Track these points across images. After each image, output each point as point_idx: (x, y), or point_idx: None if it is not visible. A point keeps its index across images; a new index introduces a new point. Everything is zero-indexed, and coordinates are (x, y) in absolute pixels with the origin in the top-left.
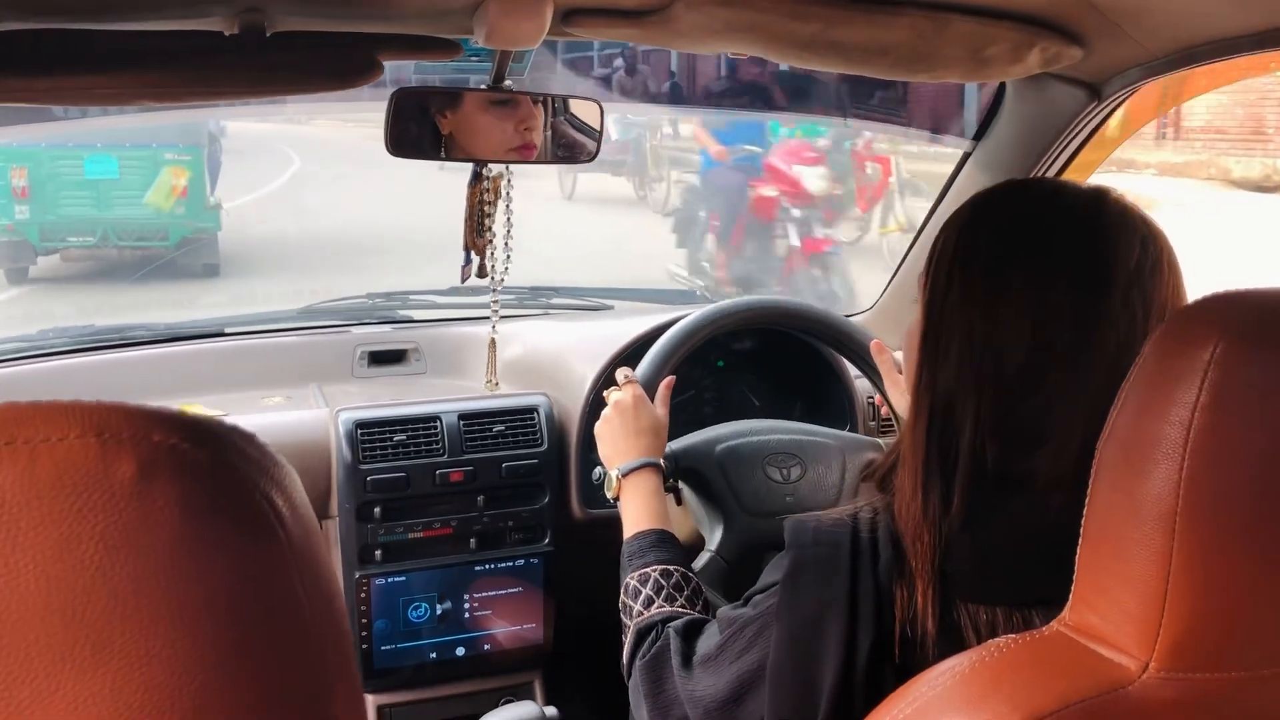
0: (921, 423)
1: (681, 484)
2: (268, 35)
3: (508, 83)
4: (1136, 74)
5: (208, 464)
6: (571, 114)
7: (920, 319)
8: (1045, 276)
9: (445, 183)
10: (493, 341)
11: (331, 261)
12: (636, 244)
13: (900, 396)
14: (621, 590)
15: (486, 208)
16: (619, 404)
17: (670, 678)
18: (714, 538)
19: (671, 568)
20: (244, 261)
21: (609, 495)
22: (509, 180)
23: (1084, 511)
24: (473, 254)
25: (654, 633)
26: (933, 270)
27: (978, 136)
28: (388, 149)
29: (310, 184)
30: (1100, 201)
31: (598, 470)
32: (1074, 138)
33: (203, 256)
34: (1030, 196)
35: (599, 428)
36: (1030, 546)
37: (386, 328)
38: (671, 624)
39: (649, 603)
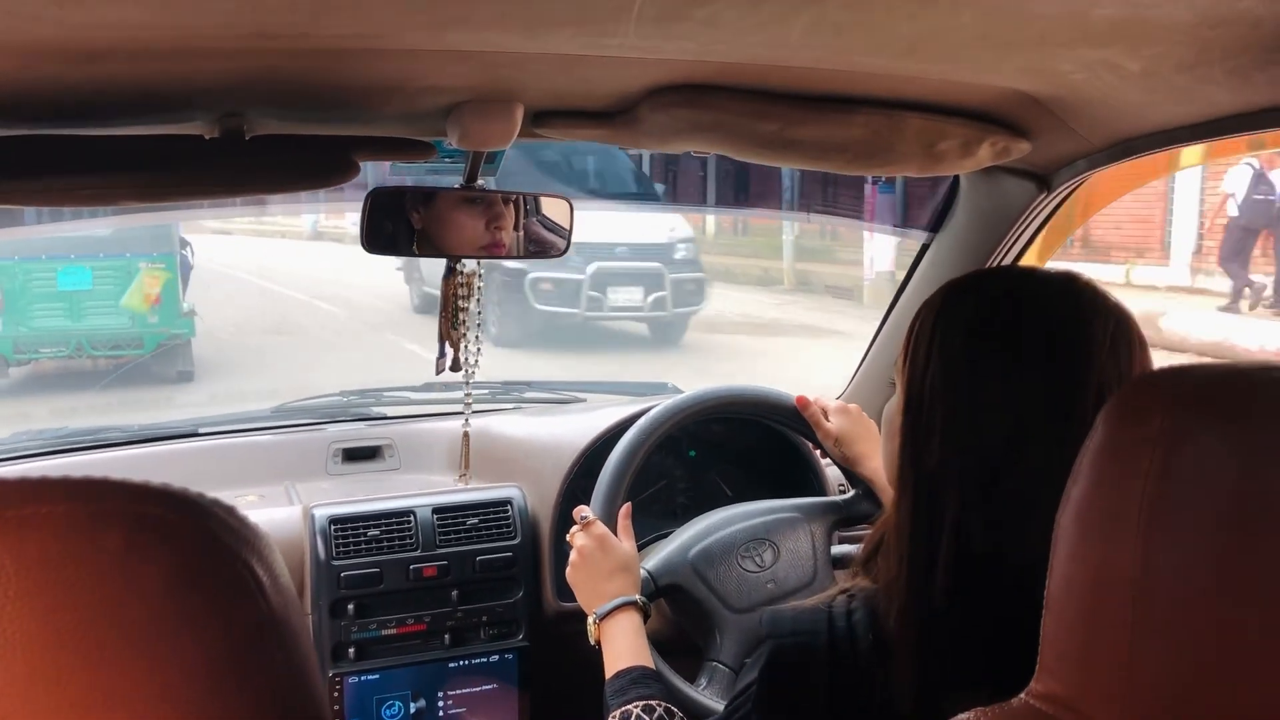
0: (906, 505)
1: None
2: (247, 139)
3: (480, 182)
4: (1083, 165)
5: (191, 534)
6: (542, 213)
7: (900, 402)
8: (1022, 355)
9: None
10: (466, 435)
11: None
12: None
13: (834, 444)
14: None
15: (461, 302)
16: (582, 549)
17: None
18: (711, 647)
19: (654, 703)
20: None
21: (592, 642)
22: (481, 275)
23: (1047, 581)
24: (447, 346)
25: None
26: (910, 354)
27: (935, 228)
28: (363, 245)
29: None
30: (1070, 282)
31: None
32: (1027, 227)
33: (177, 363)
34: (1003, 280)
35: (570, 576)
36: (1013, 628)
37: (360, 425)
38: None
39: None
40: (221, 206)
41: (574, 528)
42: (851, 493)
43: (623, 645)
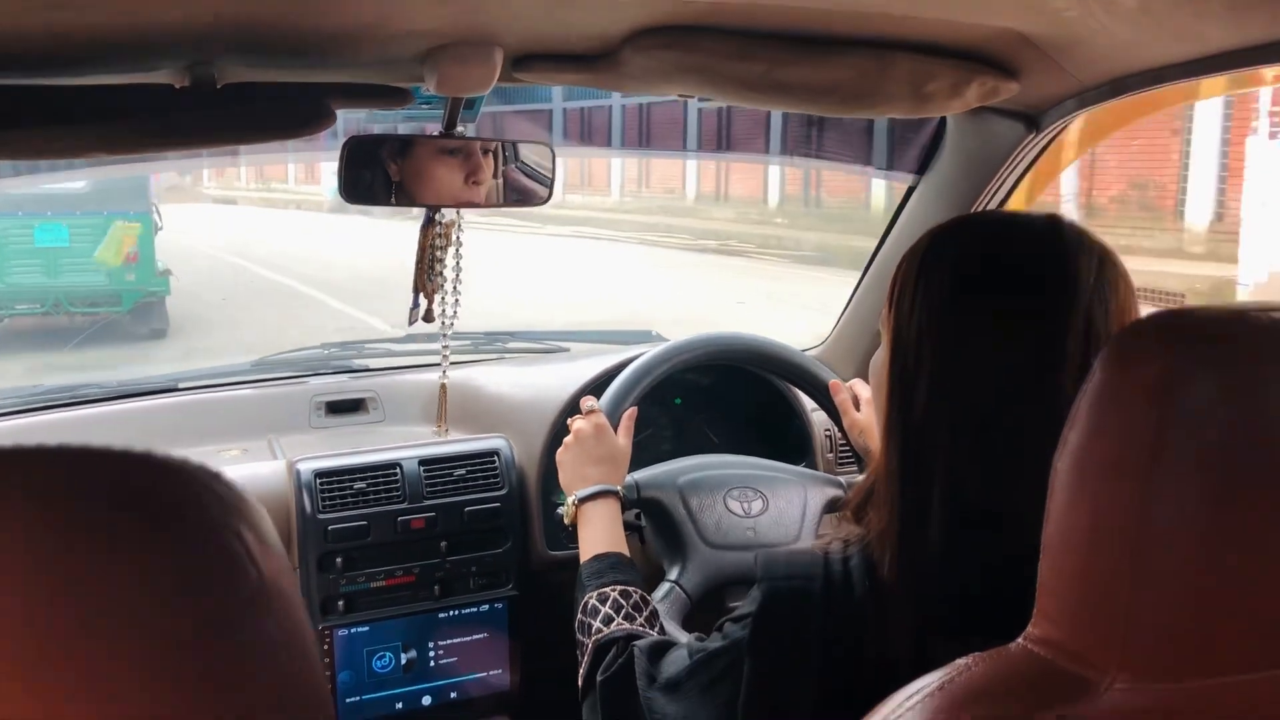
0: (894, 456)
1: (643, 519)
2: (219, 87)
3: (460, 129)
4: (1072, 105)
5: (177, 503)
6: (523, 161)
7: (887, 353)
8: (1010, 301)
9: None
10: (443, 387)
11: None
12: None
13: (858, 434)
14: (579, 610)
15: (438, 252)
16: (580, 432)
17: (634, 695)
18: (674, 569)
19: (631, 589)
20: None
21: (565, 522)
22: (460, 226)
23: (1044, 526)
24: (421, 297)
25: (615, 649)
26: (895, 304)
27: (921, 170)
28: (341, 195)
29: None
30: (1056, 225)
31: (560, 510)
32: (1015, 168)
33: (151, 321)
34: (986, 225)
35: (560, 454)
36: (1008, 575)
37: (343, 377)
38: (636, 642)
39: (608, 620)
40: (225, 167)
41: (577, 415)
42: (859, 474)
43: (600, 530)
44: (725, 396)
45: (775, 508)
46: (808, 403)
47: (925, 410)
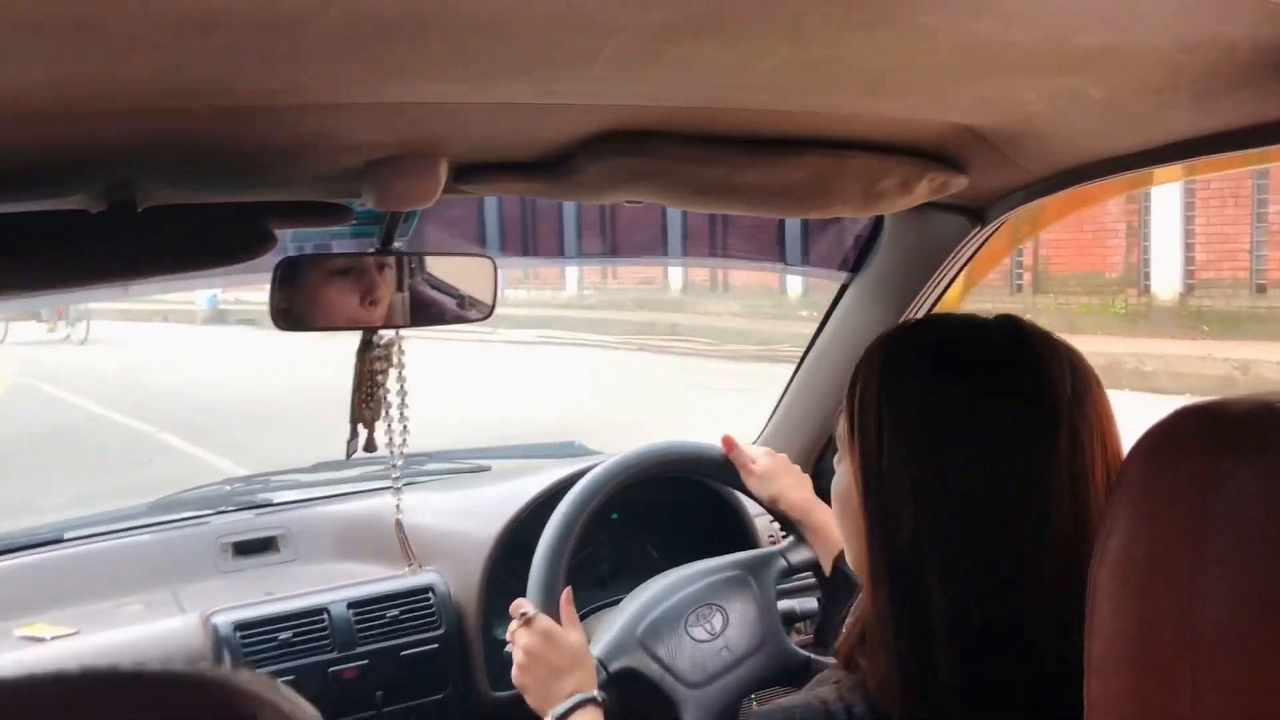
0: (883, 591)
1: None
2: (139, 211)
3: (397, 244)
4: (1020, 196)
5: None
6: (429, 274)
7: (858, 482)
8: (988, 415)
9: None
10: (399, 522)
11: None
12: None
13: (757, 483)
14: None
15: (379, 376)
16: (528, 648)
17: None
18: None
19: None
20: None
21: None
22: (400, 346)
23: (1085, 643)
24: (359, 427)
25: None
26: (859, 427)
27: (855, 269)
28: (275, 323)
29: None
30: (1017, 325)
31: (508, 649)
32: (956, 263)
33: None
34: (945, 332)
35: (518, 679)
36: (1028, 699)
37: (249, 514)
38: None
39: None
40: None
41: (513, 624)
42: (787, 540)
43: None
44: (662, 506)
45: (735, 614)
46: (751, 507)
47: (911, 538)
